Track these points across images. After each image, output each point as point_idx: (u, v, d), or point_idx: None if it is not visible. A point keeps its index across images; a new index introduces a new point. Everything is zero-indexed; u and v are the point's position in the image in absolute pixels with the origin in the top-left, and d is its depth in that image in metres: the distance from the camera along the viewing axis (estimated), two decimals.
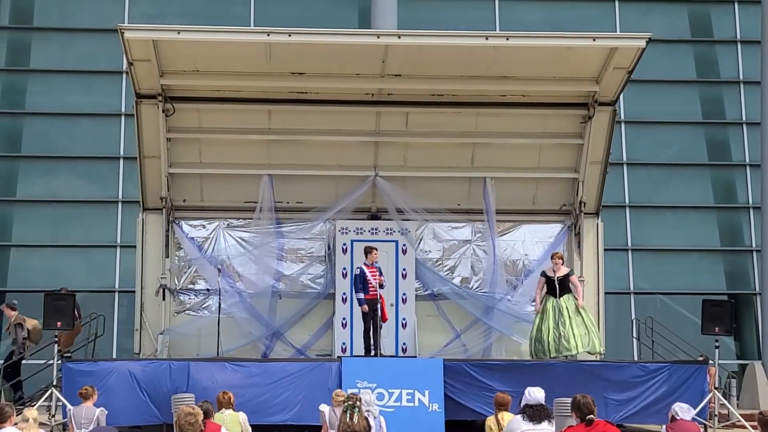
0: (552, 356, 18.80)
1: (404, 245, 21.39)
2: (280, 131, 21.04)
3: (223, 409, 14.53)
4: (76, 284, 25.09)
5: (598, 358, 19.47)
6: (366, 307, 18.92)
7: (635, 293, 27.13)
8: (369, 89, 20.73)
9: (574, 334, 18.80)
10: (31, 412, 11.00)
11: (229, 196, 21.47)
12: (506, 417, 13.53)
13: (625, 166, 27.59)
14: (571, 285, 19.23)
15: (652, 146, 28.00)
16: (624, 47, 19.57)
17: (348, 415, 13.24)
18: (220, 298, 20.16)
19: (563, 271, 19.24)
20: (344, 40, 19.72)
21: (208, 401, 14.09)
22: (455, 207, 21.71)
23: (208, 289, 21.22)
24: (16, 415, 10.94)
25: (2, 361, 21.92)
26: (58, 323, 18.86)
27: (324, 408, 15.26)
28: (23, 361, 21.90)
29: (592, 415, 9.95)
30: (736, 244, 27.82)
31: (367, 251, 19.40)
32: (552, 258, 19.48)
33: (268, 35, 19.26)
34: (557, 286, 19.08)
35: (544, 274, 19.40)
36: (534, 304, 19.93)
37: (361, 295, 19.02)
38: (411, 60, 19.85)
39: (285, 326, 21.19)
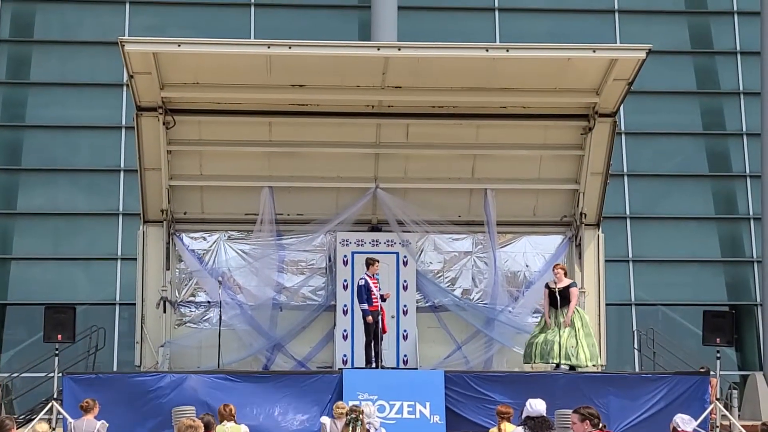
0: (541, 361, 18.73)
1: (405, 257, 21.37)
2: (280, 143, 21.04)
3: (225, 421, 14.52)
4: (77, 297, 25.12)
5: (599, 370, 19.45)
6: (371, 318, 18.93)
7: (636, 304, 27.10)
8: (369, 101, 20.73)
9: (583, 345, 18.72)
10: (41, 426, 11.02)
11: (229, 208, 21.45)
12: (508, 428, 13.53)
13: (625, 177, 27.58)
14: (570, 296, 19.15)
15: (652, 157, 28.00)
16: (624, 59, 19.57)
17: (350, 428, 13.25)
18: (220, 311, 20.14)
19: (565, 282, 19.18)
20: (344, 53, 19.72)
21: (210, 414, 14.08)
22: (456, 219, 21.69)
23: (208, 302, 21.20)
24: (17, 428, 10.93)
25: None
26: (59, 336, 18.83)
27: (325, 420, 15.27)
28: (23, 375, 22.01)
29: (603, 424, 10.08)
30: (736, 255, 27.80)
31: (370, 263, 19.41)
32: (553, 269, 19.44)
33: (269, 47, 19.32)
34: (558, 297, 19.01)
35: (547, 286, 19.34)
36: (536, 316, 19.88)
37: (366, 306, 19.02)
38: (411, 72, 19.86)
39: (286, 338, 21.16)
